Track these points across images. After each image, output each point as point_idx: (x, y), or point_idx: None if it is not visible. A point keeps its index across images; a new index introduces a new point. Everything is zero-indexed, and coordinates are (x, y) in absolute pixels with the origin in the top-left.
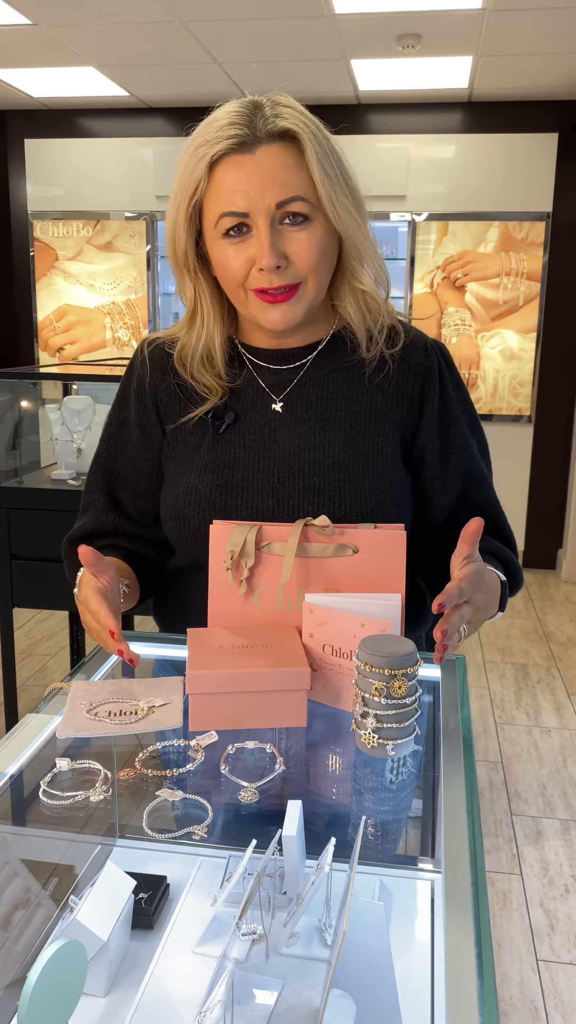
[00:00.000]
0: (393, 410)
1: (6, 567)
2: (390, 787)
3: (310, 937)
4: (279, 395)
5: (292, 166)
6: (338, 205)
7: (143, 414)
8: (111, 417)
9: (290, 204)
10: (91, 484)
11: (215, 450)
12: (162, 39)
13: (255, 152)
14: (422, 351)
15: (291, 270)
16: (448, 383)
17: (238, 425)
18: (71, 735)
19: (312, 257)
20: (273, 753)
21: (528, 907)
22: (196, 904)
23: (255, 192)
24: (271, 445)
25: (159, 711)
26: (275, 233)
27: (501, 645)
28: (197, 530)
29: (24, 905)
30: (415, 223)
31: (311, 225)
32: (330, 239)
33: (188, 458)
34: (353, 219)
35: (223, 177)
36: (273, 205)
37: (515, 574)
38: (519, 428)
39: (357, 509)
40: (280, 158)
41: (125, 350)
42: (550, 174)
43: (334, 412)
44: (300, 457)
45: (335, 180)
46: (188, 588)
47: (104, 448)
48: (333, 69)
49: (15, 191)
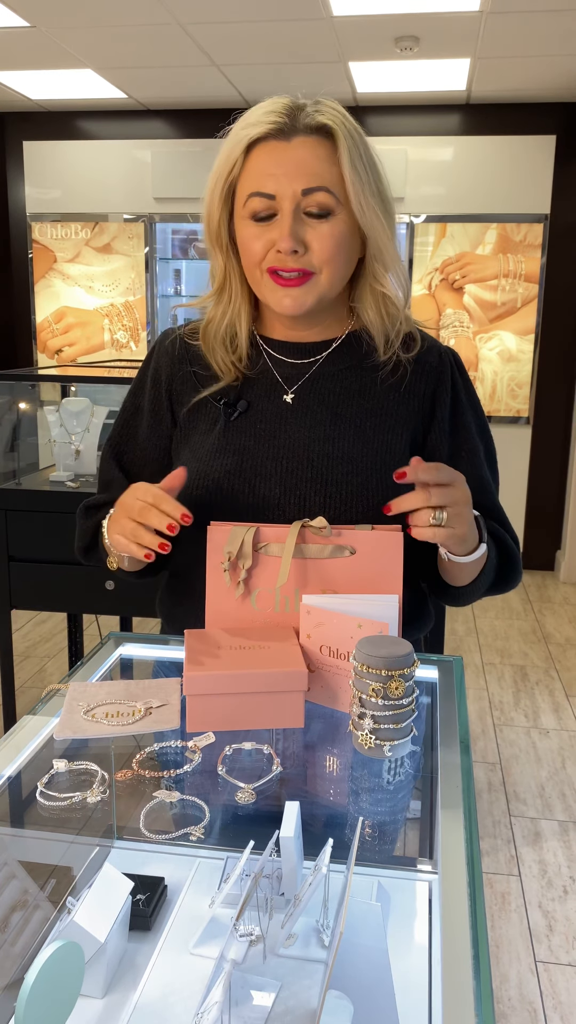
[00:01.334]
0: (404, 410)
1: (4, 569)
2: (387, 788)
3: (308, 938)
4: (291, 387)
5: (324, 159)
6: (364, 204)
7: (156, 400)
8: (126, 403)
9: (315, 194)
10: (105, 464)
11: (226, 437)
12: (160, 42)
13: (291, 140)
14: (436, 355)
15: (307, 258)
16: (460, 388)
17: (250, 413)
18: (68, 736)
19: (330, 249)
20: (270, 754)
21: (527, 908)
22: (194, 905)
23: (285, 177)
24: (281, 434)
25: (156, 712)
26: (297, 220)
27: (499, 646)
28: (204, 514)
29: (22, 906)
30: (413, 225)
31: (334, 219)
32: (352, 236)
33: (199, 444)
34: (379, 221)
35: (257, 160)
36: (300, 192)
37: (513, 561)
38: (517, 430)
39: (363, 503)
40: (314, 150)
41: (123, 352)
42: (548, 176)
43: (346, 407)
44: (310, 448)
45: (365, 180)
46: (186, 588)
47: (117, 432)
48: (331, 71)
49: (13, 193)
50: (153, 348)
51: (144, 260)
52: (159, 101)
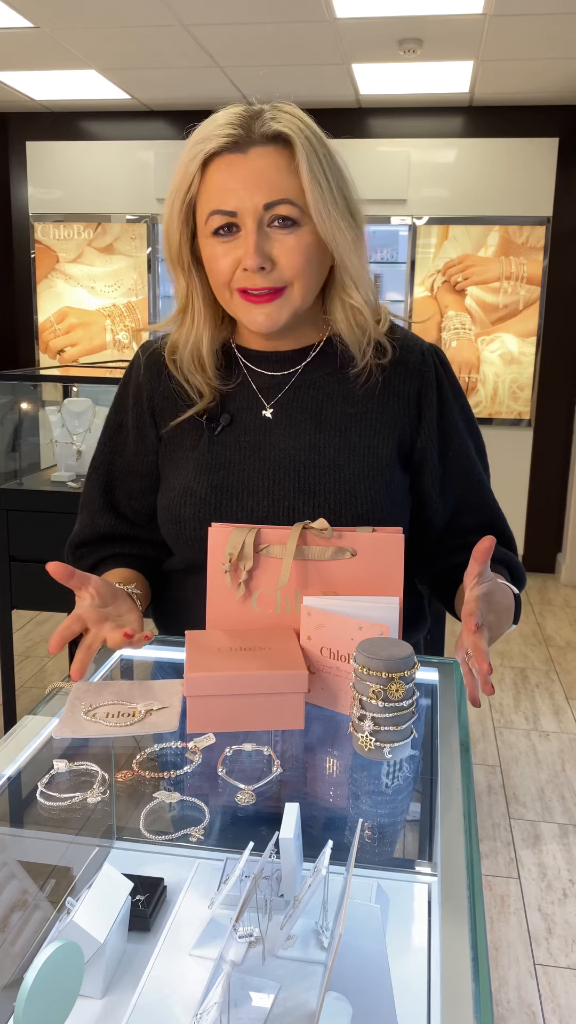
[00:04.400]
0: (389, 413)
1: (5, 569)
2: (387, 790)
3: (307, 940)
4: (272, 399)
5: (283, 169)
6: (325, 214)
7: (139, 417)
8: (109, 420)
9: (278, 207)
10: (89, 486)
11: (210, 452)
12: (164, 42)
13: (248, 153)
14: (418, 355)
15: (276, 273)
16: (445, 386)
17: (233, 427)
18: (67, 736)
19: (298, 262)
20: (270, 756)
21: (526, 911)
22: (193, 906)
23: (244, 192)
24: (266, 446)
25: (156, 714)
26: (262, 235)
27: (500, 649)
28: (193, 531)
29: (21, 906)
30: (416, 227)
31: (299, 230)
32: (320, 246)
33: (183, 460)
34: (342, 231)
35: (215, 175)
36: (261, 206)
37: (519, 576)
38: (519, 432)
39: (353, 510)
40: (272, 160)
41: (125, 352)
42: (550, 178)
43: (329, 414)
44: (295, 458)
45: (326, 188)
46: (186, 590)
47: (101, 451)
48: (334, 73)
49: (16, 193)
50: (132, 364)
51: (146, 261)
52: (162, 102)
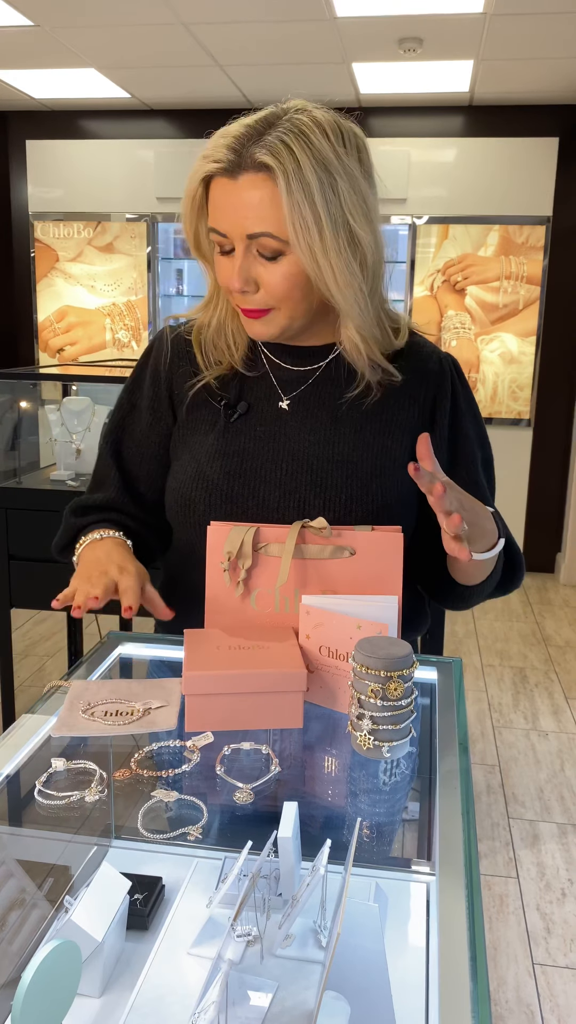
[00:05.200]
0: (404, 415)
1: (4, 567)
2: (385, 789)
3: (305, 939)
4: (290, 392)
5: (267, 202)
6: (306, 252)
7: (156, 398)
8: (122, 399)
9: (259, 239)
10: (102, 460)
11: (225, 438)
12: (164, 41)
13: (238, 180)
14: (436, 362)
15: (260, 297)
16: (460, 395)
17: (249, 416)
18: (65, 735)
19: (281, 289)
20: (269, 754)
21: (524, 911)
22: (191, 905)
23: (234, 218)
24: (281, 437)
25: (155, 712)
26: (248, 258)
27: (499, 648)
28: (202, 515)
29: (19, 905)
30: (415, 226)
31: (284, 259)
32: (306, 274)
33: (198, 444)
34: (330, 266)
35: (213, 193)
36: (245, 235)
37: (517, 560)
38: (518, 432)
39: (363, 508)
40: (258, 191)
41: (125, 351)
42: (550, 178)
43: (345, 412)
44: (309, 452)
45: (312, 224)
46: (191, 581)
47: (113, 427)
48: (334, 72)
49: (16, 192)
50: (152, 344)
51: (146, 260)
52: (162, 101)
